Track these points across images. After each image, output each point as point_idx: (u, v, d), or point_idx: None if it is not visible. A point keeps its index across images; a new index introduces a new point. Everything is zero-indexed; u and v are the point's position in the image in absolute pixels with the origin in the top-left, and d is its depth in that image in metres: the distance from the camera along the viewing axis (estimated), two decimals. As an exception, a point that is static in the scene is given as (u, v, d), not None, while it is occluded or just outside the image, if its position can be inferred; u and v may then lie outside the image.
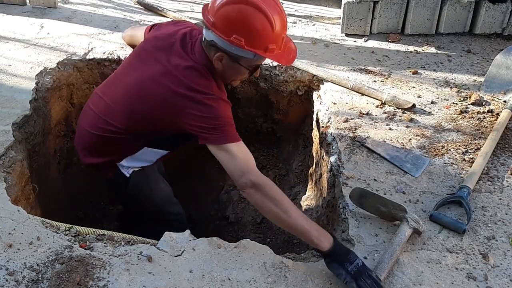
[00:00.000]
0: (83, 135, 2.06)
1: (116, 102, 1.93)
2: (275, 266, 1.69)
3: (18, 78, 2.61)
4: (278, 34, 1.70)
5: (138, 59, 1.96)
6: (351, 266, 1.55)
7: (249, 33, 1.65)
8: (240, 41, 1.65)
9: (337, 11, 3.64)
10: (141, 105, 1.84)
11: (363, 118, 2.48)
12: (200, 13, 1.79)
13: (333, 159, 2.26)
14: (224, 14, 1.65)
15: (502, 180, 2.11)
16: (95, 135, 1.99)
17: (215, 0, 1.69)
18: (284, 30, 1.74)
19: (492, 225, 1.89)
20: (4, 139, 2.17)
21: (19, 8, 3.42)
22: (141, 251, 1.70)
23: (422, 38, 3.27)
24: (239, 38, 1.65)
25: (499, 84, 2.69)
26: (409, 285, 1.64)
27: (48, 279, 1.57)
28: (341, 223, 1.94)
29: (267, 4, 1.65)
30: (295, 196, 2.94)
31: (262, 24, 1.65)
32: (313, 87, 2.91)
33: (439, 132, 2.39)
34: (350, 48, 3.15)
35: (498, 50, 3.07)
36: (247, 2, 1.63)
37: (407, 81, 2.80)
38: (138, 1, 3.62)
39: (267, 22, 1.65)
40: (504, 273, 1.70)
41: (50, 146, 2.65)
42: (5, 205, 1.84)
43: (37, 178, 2.45)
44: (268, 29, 1.66)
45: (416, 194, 2.04)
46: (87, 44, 3.00)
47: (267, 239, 2.94)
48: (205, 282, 1.61)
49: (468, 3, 3.20)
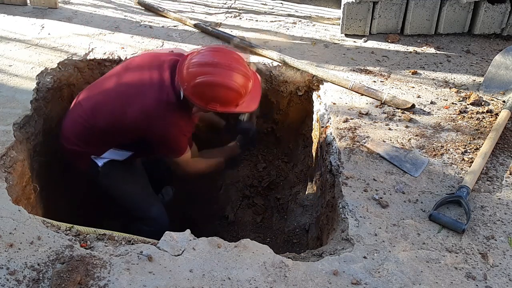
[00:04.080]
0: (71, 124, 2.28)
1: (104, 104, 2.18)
2: (275, 265, 1.69)
3: (19, 78, 2.62)
4: (245, 93, 2.05)
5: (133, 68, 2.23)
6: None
7: (222, 102, 2.03)
8: (215, 106, 2.04)
9: (336, 12, 3.65)
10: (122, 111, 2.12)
11: (363, 118, 2.48)
12: (200, 13, 1.85)
13: (333, 159, 2.27)
14: (200, 91, 2.00)
15: (501, 180, 2.12)
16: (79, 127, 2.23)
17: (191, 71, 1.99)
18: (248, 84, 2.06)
19: (491, 224, 1.90)
20: (5, 139, 2.18)
21: (20, 9, 3.43)
22: (141, 250, 1.71)
23: (421, 39, 3.27)
24: (214, 104, 2.03)
25: (498, 84, 2.69)
26: (409, 284, 1.65)
27: (48, 279, 1.57)
28: (340, 223, 1.95)
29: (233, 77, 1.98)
30: (295, 196, 2.95)
31: (232, 95, 2.02)
32: (313, 88, 2.91)
33: (439, 132, 2.40)
34: (349, 48, 3.16)
35: (497, 50, 3.08)
36: (216, 84, 1.97)
37: (406, 81, 2.81)
38: (138, 1, 3.63)
39: (236, 93, 2.01)
40: (503, 273, 1.70)
41: (51, 146, 2.66)
42: (6, 205, 1.85)
43: (38, 178, 2.46)
44: (237, 96, 2.03)
45: (416, 194, 2.04)
46: (88, 44, 3.01)
47: (267, 239, 2.95)
48: (205, 281, 1.62)
49: (467, 4, 3.20)
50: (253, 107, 2.15)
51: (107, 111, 2.15)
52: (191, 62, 2.01)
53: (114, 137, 2.22)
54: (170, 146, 2.20)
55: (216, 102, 2.02)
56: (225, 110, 2.07)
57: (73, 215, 2.70)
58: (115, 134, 2.19)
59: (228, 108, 2.06)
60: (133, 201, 2.45)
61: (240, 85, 2.00)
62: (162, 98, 2.08)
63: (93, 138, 2.22)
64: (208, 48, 2.10)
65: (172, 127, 2.11)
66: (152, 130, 2.10)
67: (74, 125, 2.25)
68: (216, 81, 1.97)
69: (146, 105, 2.07)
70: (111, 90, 2.18)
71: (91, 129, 2.19)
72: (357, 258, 1.74)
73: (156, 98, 2.07)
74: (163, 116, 2.07)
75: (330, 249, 1.83)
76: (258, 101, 2.17)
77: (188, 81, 2.00)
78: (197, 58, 2.02)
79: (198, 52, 2.06)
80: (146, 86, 2.10)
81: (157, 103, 2.07)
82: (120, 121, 2.12)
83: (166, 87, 2.09)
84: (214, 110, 2.06)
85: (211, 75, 1.97)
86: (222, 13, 3.59)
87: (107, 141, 2.25)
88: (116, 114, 2.12)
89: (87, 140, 2.23)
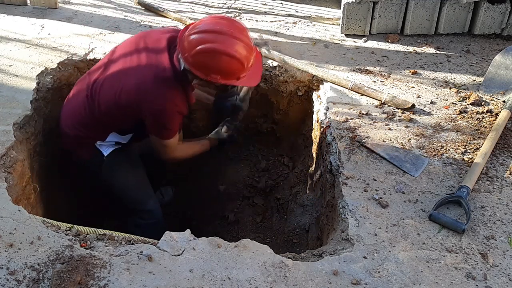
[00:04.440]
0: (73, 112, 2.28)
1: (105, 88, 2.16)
2: (275, 265, 1.69)
3: (19, 78, 2.62)
4: (247, 65, 1.98)
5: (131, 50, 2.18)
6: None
7: (223, 73, 1.95)
8: (216, 78, 1.96)
9: (336, 12, 3.65)
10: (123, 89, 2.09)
11: (363, 118, 2.48)
12: (200, 13, 1.85)
13: (333, 159, 2.27)
14: (201, 60, 1.92)
15: (501, 180, 2.12)
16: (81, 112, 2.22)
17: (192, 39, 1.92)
18: (251, 57, 1.99)
19: (491, 224, 1.90)
20: (5, 139, 2.18)
21: (20, 9, 3.43)
22: (141, 250, 1.71)
23: (421, 39, 3.27)
24: (215, 76, 1.95)
25: (498, 84, 2.69)
26: (408, 284, 1.65)
27: (48, 279, 1.57)
28: (340, 223, 1.95)
29: (235, 46, 1.90)
30: (295, 196, 2.95)
31: (234, 65, 1.94)
32: (313, 88, 2.91)
33: (439, 132, 2.40)
34: (349, 48, 3.16)
35: (497, 50, 3.08)
36: (219, 51, 1.89)
37: (406, 81, 2.81)
38: (138, 1, 3.63)
39: (239, 63, 1.93)
40: (503, 273, 1.70)
41: (51, 146, 2.66)
42: (6, 205, 1.85)
43: (38, 178, 2.46)
44: (239, 67, 1.96)
45: (416, 194, 2.04)
46: (88, 44, 3.01)
47: (267, 239, 2.95)
48: (205, 281, 1.62)
49: (467, 4, 3.20)
50: (255, 82, 2.10)
51: (106, 93, 2.13)
52: (193, 30, 1.94)
53: (114, 119, 2.19)
54: (163, 124, 2.12)
55: (217, 72, 1.94)
56: (226, 82, 1.99)
57: (73, 215, 2.70)
58: (114, 116, 2.16)
59: (229, 80, 1.98)
60: (131, 193, 2.47)
61: (243, 56, 1.92)
62: (158, 73, 2.02)
63: (94, 122, 2.22)
64: (211, 16, 2.02)
65: (167, 102, 2.04)
66: (147, 105, 2.03)
67: (76, 111, 2.25)
68: (218, 49, 1.89)
69: (142, 81, 2.03)
70: (108, 69, 2.17)
71: (92, 112, 2.19)
72: (357, 258, 1.74)
73: (152, 73, 2.02)
74: (159, 91, 2.02)
75: (330, 249, 1.83)
76: (259, 77, 2.11)
77: (189, 50, 1.92)
78: (199, 25, 1.94)
79: (201, 20, 1.99)
80: (144, 64, 2.06)
81: (153, 78, 2.02)
82: (117, 100, 2.09)
83: (163, 63, 2.03)
84: (215, 81, 1.97)
85: (213, 42, 1.88)
86: (222, 13, 3.59)
87: (108, 124, 2.24)
88: (114, 94, 2.09)
89: (89, 125, 2.23)
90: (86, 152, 2.32)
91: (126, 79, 2.08)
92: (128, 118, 2.19)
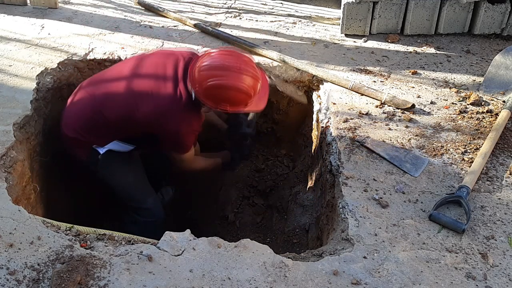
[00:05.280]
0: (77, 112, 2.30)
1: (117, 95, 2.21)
2: (275, 265, 1.69)
3: (19, 78, 2.62)
4: (254, 94, 2.10)
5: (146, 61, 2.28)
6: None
7: (232, 103, 2.09)
8: (225, 107, 2.10)
9: (336, 12, 3.65)
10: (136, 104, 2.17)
11: (363, 118, 2.48)
12: (200, 13, 1.87)
13: (333, 159, 2.27)
14: (211, 94, 2.06)
15: (501, 180, 2.12)
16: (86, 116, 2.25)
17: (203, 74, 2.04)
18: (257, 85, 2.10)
19: (491, 224, 1.90)
20: (5, 139, 2.18)
21: (20, 9, 3.43)
22: (141, 250, 1.71)
23: (421, 39, 3.27)
24: (225, 105, 2.09)
25: (498, 84, 2.69)
26: (408, 284, 1.65)
27: (48, 279, 1.57)
28: (340, 223, 1.95)
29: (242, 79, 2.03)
30: (295, 196, 2.95)
31: (242, 97, 2.08)
32: (313, 88, 2.91)
33: (439, 132, 2.40)
34: (349, 48, 3.16)
35: (497, 50, 3.08)
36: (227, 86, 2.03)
37: (406, 81, 2.81)
38: (138, 1, 3.63)
39: (246, 95, 2.07)
40: (503, 273, 1.70)
41: (51, 146, 2.66)
42: (6, 205, 1.85)
43: (38, 178, 2.46)
44: (247, 98, 2.09)
45: (416, 194, 2.04)
46: (88, 44, 3.01)
47: (267, 239, 2.95)
48: (205, 281, 1.62)
49: (467, 4, 3.20)
50: (261, 106, 2.22)
51: (120, 105, 2.19)
52: (202, 64, 2.07)
53: (122, 130, 2.27)
54: (179, 143, 2.28)
55: (227, 103, 2.09)
56: (234, 110, 2.15)
57: (73, 215, 2.71)
58: (124, 127, 2.24)
59: (237, 108, 2.13)
60: (130, 191, 2.50)
61: (249, 87, 2.06)
62: (175, 96, 2.14)
63: (99, 129, 2.25)
64: (218, 51, 2.15)
65: (183, 124, 2.19)
66: (164, 127, 2.16)
67: (80, 114, 2.27)
68: (227, 84, 2.03)
69: (160, 103, 2.14)
70: (124, 83, 2.21)
71: (99, 120, 2.22)
72: (357, 258, 1.74)
73: (170, 96, 2.14)
74: (176, 114, 2.15)
75: (330, 249, 1.83)
76: (266, 100, 2.24)
77: (200, 83, 2.06)
78: (208, 61, 2.08)
79: (209, 54, 2.12)
80: (161, 84, 2.16)
81: (171, 101, 2.14)
82: (132, 116, 2.17)
83: (179, 86, 2.15)
84: (224, 110, 2.13)
85: (222, 78, 2.03)
86: (222, 13, 3.59)
87: (113, 133, 2.29)
88: (129, 109, 2.17)
89: (92, 130, 2.26)
90: (83, 153, 2.33)
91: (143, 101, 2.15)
92: (137, 130, 2.26)
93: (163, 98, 2.14)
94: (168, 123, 2.15)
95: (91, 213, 3.03)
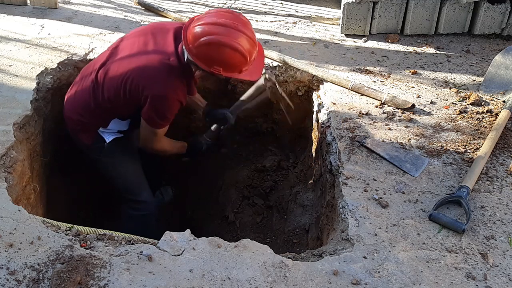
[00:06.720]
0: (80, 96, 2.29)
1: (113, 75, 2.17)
2: (275, 265, 1.69)
3: (19, 78, 2.62)
4: (250, 59, 2.01)
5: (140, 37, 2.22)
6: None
7: (226, 65, 1.98)
8: (219, 70, 1.99)
9: (336, 12, 3.65)
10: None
11: (363, 118, 2.48)
12: (200, 13, 1.84)
13: (333, 159, 2.27)
14: (204, 51, 1.95)
15: (501, 180, 2.12)
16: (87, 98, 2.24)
17: (197, 31, 1.94)
18: (254, 51, 2.01)
19: (491, 224, 1.90)
20: (5, 139, 2.18)
21: (20, 9, 3.43)
22: (141, 250, 1.71)
23: (421, 39, 3.27)
24: (218, 68, 1.98)
25: (498, 84, 2.69)
26: (409, 284, 1.65)
27: (48, 279, 1.57)
28: (340, 223, 1.95)
29: (239, 39, 1.92)
30: (295, 196, 2.95)
31: (237, 58, 1.96)
32: (313, 88, 2.91)
33: (439, 132, 2.40)
34: (349, 48, 3.16)
35: (497, 50, 3.08)
36: (222, 44, 1.91)
37: (406, 81, 2.81)
38: (138, 1, 3.63)
39: (241, 57, 1.96)
40: (503, 273, 1.70)
41: (51, 146, 2.66)
42: (6, 205, 1.85)
43: (38, 178, 2.46)
44: (242, 60, 1.98)
45: (416, 194, 2.04)
46: (88, 44, 3.01)
47: (267, 239, 2.94)
48: (205, 281, 1.62)
49: (467, 4, 3.20)
50: (256, 76, 2.12)
51: (112, 78, 2.15)
52: (197, 22, 1.97)
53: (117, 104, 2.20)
54: (160, 110, 2.13)
55: (220, 64, 1.96)
56: (228, 75, 2.02)
57: (73, 215, 2.71)
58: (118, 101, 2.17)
59: (231, 73, 2.02)
60: (128, 182, 2.50)
61: (245, 49, 1.95)
62: (164, 60, 2.06)
63: (97, 108, 2.23)
64: (215, 10, 2.06)
65: (169, 89, 2.08)
66: (149, 90, 2.06)
67: (80, 96, 2.27)
68: (222, 41, 1.91)
69: (147, 65, 2.07)
70: (117, 59, 2.18)
71: (96, 99, 2.21)
72: (357, 258, 1.74)
73: (159, 60, 2.06)
74: (163, 78, 2.05)
75: (330, 249, 1.83)
76: (261, 71, 2.14)
77: (193, 42, 1.95)
78: (204, 18, 1.97)
79: (206, 13, 2.03)
80: (150, 50, 2.11)
81: (160, 64, 2.06)
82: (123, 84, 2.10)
83: (169, 52, 2.07)
84: (217, 73, 2.00)
85: (217, 35, 1.91)
86: (222, 13, 3.59)
87: (110, 110, 2.25)
88: (121, 78, 2.11)
89: (91, 110, 2.24)
90: (89, 137, 2.33)
91: (132, 64, 2.10)
92: (131, 104, 2.19)
93: (150, 57, 2.07)
94: (154, 87, 2.05)
95: (91, 213, 3.03)
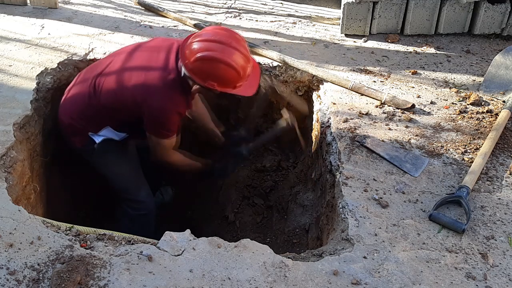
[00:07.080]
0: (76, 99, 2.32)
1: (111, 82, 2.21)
2: (275, 265, 1.69)
3: (19, 78, 2.62)
4: (244, 75, 2.07)
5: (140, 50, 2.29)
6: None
7: (220, 80, 2.04)
8: (213, 85, 2.05)
9: (336, 12, 3.65)
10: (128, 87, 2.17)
11: (363, 118, 2.48)
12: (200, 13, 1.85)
13: (333, 159, 2.27)
14: (199, 66, 2.02)
15: (501, 180, 2.12)
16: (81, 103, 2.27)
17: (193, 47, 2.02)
18: (247, 67, 2.07)
19: (491, 224, 1.90)
20: (5, 139, 2.18)
21: (20, 9, 3.43)
22: (141, 250, 1.71)
23: (421, 39, 3.27)
24: (212, 83, 2.04)
25: (498, 84, 2.69)
26: (408, 284, 1.65)
27: (48, 279, 1.57)
28: (340, 223, 1.95)
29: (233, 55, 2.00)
30: (295, 196, 2.95)
31: (231, 74, 2.02)
32: (313, 87, 2.91)
33: (439, 132, 2.40)
34: (349, 48, 3.16)
35: (497, 50, 3.08)
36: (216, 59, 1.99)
37: (406, 81, 2.81)
38: (138, 1, 3.63)
39: (235, 72, 2.02)
40: (503, 273, 1.70)
41: (51, 146, 2.66)
42: (6, 205, 1.85)
43: (38, 178, 2.46)
44: (236, 76, 2.04)
45: (416, 194, 2.04)
46: (88, 44, 3.01)
47: (267, 239, 2.95)
48: (205, 281, 1.62)
49: (467, 4, 3.20)
50: (251, 92, 2.16)
51: (110, 86, 2.19)
52: (194, 39, 2.05)
53: (113, 113, 2.24)
54: (161, 123, 2.18)
55: (214, 79, 2.03)
56: (223, 89, 2.08)
57: (73, 215, 2.71)
58: (114, 109, 2.21)
59: (225, 88, 2.07)
60: (123, 181, 2.50)
61: (238, 65, 2.02)
62: (164, 75, 2.12)
63: (92, 115, 2.26)
64: (211, 27, 2.14)
65: (168, 101, 2.13)
66: (148, 103, 2.11)
67: (76, 100, 2.29)
68: (216, 57, 1.99)
69: (147, 79, 2.12)
70: (118, 68, 2.22)
71: (93, 106, 2.23)
72: (357, 258, 1.74)
73: (159, 74, 2.12)
74: (162, 91, 2.11)
75: (330, 249, 1.83)
76: (256, 87, 2.18)
77: (189, 57, 2.03)
78: (200, 35, 2.06)
79: (202, 30, 2.11)
80: (152, 65, 2.15)
81: (158, 78, 2.11)
82: (121, 94, 2.16)
83: (170, 67, 2.13)
84: (212, 88, 2.06)
85: (212, 51, 1.99)
86: (222, 13, 3.59)
87: (105, 118, 2.28)
88: (119, 88, 2.16)
89: (86, 116, 2.27)
90: (79, 140, 2.34)
91: (134, 76, 2.15)
92: (127, 112, 2.22)
93: (151, 76, 2.12)
94: (154, 99, 2.10)
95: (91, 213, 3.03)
